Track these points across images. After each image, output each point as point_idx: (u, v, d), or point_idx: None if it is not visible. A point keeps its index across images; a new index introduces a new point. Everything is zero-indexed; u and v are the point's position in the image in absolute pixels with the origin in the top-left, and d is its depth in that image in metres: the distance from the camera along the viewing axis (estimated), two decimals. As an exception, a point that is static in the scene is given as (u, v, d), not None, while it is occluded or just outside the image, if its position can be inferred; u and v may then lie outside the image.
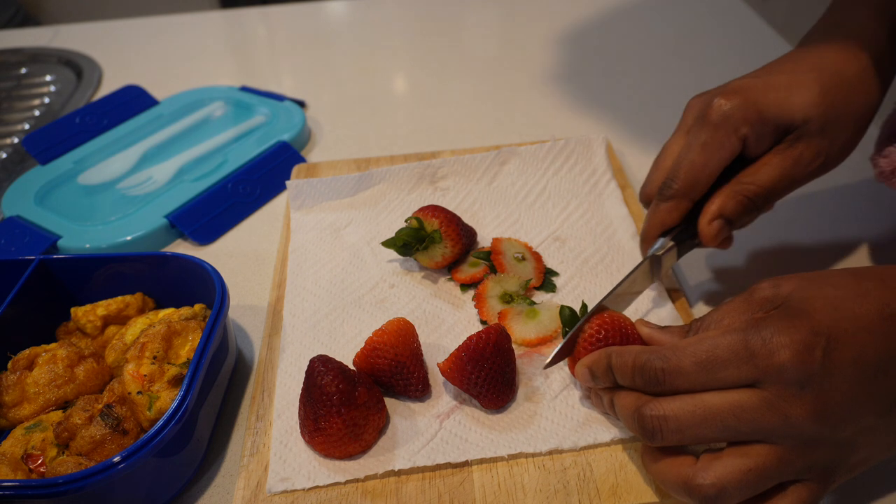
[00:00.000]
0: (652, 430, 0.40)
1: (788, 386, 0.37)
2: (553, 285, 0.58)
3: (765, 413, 0.37)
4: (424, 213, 0.59)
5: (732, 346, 0.38)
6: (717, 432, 0.38)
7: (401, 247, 0.58)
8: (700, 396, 0.39)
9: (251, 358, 0.57)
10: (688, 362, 0.39)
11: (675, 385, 0.40)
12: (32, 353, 0.52)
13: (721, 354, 0.38)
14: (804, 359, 0.36)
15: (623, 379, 0.42)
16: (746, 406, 0.37)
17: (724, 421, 0.38)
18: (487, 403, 0.48)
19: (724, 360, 0.38)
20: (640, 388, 0.42)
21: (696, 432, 0.39)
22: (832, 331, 0.37)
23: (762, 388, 0.37)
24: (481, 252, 0.60)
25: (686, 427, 0.39)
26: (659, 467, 0.41)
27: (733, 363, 0.38)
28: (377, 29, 1.10)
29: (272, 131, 0.81)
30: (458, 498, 0.44)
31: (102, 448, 0.46)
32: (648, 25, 1.03)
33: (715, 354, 0.38)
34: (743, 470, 0.37)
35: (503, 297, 0.56)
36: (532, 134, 0.81)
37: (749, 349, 0.38)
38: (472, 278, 0.59)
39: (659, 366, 0.40)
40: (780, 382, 0.37)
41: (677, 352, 0.40)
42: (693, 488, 0.38)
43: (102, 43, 1.08)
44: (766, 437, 0.37)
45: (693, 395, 0.39)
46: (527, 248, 0.61)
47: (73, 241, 0.68)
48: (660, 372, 0.40)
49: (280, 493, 0.45)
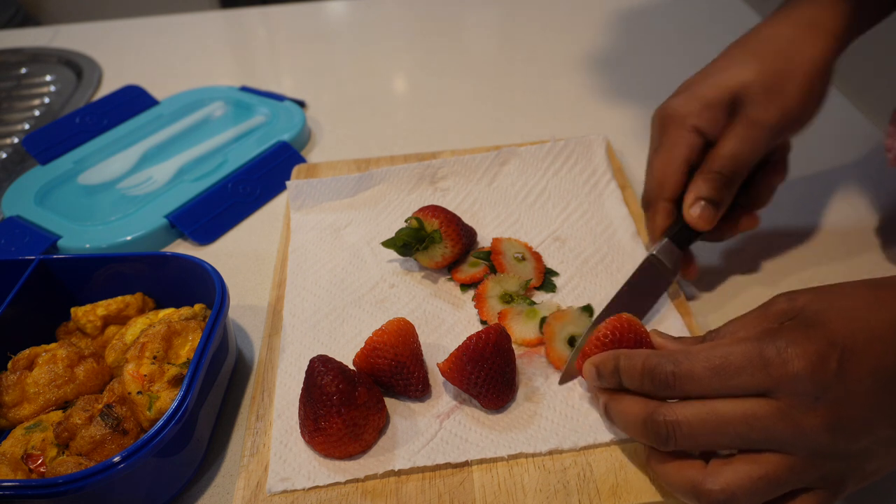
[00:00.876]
0: (665, 436, 0.39)
1: (802, 396, 0.37)
2: (553, 285, 0.58)
3: (777, 423, 0.37)
4: (424, 214, 0.59)
5: (746, 354, 0.38)
6: (728, 440, 0.38)
7: (401, 247, 0.58)
8: (712, 403, 0.38)
9: (251, 358, 0.57)
10: (700, 367, 0.39)
11: (685, 390, 0.39)
12: (32, 353, 0.52)
13: (735, 361, 0.38)
14: (819, 369, 0.36)
15: (631, 382, 0.42)
16: (759, 415, 0.37)
17: (736, 429, 0.38)
18: (487, 403, 0.48)
19: (737, 367, 0.38)
20: (647, 392, 0.41)
21: (709, 439, 0.38)
22: (847, 341, 0.37)
23: (775, 397, 0.37)
24: (481, 252, 0.60)
25: (698, 434, 0.38)
26: (666, 469, 0.41)
27: (747, 371, 0.38)
28: (377, 29, 1.10)
29: (272, 131, 0.81)
30: (458, 498, 0.44)
31: (102, 448, 0.46)
32: (649, 25, 1.04)
33: (729, 361, 0.38)
34: (753, 478, 0.37)
35: (503, 297, 0.56)
36: (532, 134, 0.81)
37: (763, 358, 0.37)
38: (471, 278, 0.59)
39: (670, 369, 0.40)
40: (794, 393, 0.37)
41: (689, 357, 0.40)
42: (702, 493, 0.38)
43: (102, 43, 1.08)
44: (778, 446, 0.37)
45: (705, 402, 0.39)
46: (527, 248, 0.61)
47: (73, 241, 0.68)
48: (671, 376, 0.40)
49: (280, 492, 0.45)
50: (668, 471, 0.41)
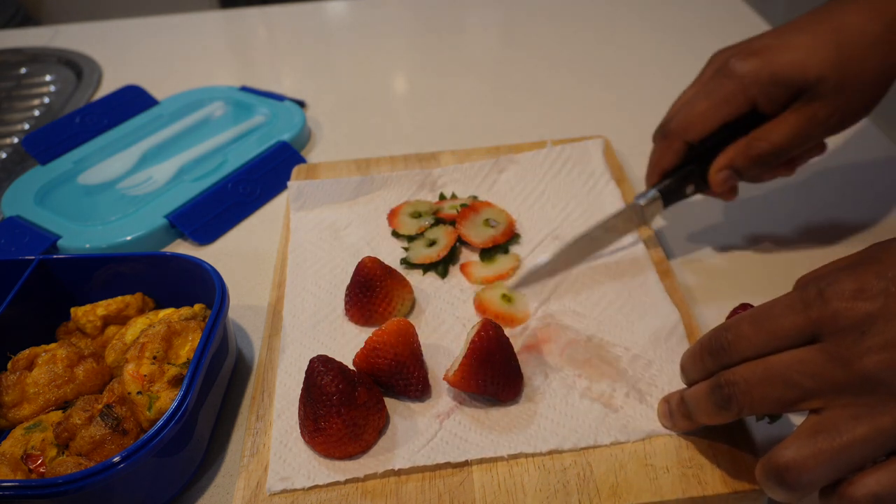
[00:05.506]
0: (727, 398, 0.39)
1: (849, 332, 0.35)
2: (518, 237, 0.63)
3: (826, 365, 0.35)
4: None
5: (788, 301, 0.38)
6: (783, 391, 0.37)
7: None
8: (766, 359, 0.38)
9: (251, 358, 0.57)
10: (746, 325, 0.39)
11: (741, 351, 0.39)
12: (32, 353, 0.52)
13: (776, 311, 0.38)
14: (860, 303, 0.35)
15: (694, 370, 0.42)
16: (807, 360, 0.36)
17: (788, 379, 0.36)
18: (506, 396, 0.48)
19: (778, 315, 0.37)
20: (710, 370, 0.41)
21: (764, 392, 0.37)
22: None
23: (822, 340, 0.36)
24: None
25: (754, 389, 0.38)
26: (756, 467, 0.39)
27: (787, 317, 0.37)
28: (377, 29, 1.10)
29: (272, 131, 0.81)
30: (458, 498, 0.44)
31: (102, 448, 0.46)
32: (648, 24, 1.03)
33: (771, 311, 0.38)
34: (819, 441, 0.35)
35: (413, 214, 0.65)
36: (532, 134, 0.81)
37: (804, 300, 0.37)
38: None
39: (724, 337, 0.40)
40: (839, 331, 0.35)
41: (737, 320, 0.40)
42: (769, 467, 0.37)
43: (102, 43, 1.08)
44: (836, 391, 0.35)
45: (760, 359, 0.38)
46: (508, 221, 0.64)
47: (73, 241, 0.68)
48: (725, 342, 0.40)
49: (280, 492, 0.45)
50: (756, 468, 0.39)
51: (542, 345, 0.53)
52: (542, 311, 0.56)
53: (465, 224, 0.63)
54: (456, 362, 0.48)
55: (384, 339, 0.49)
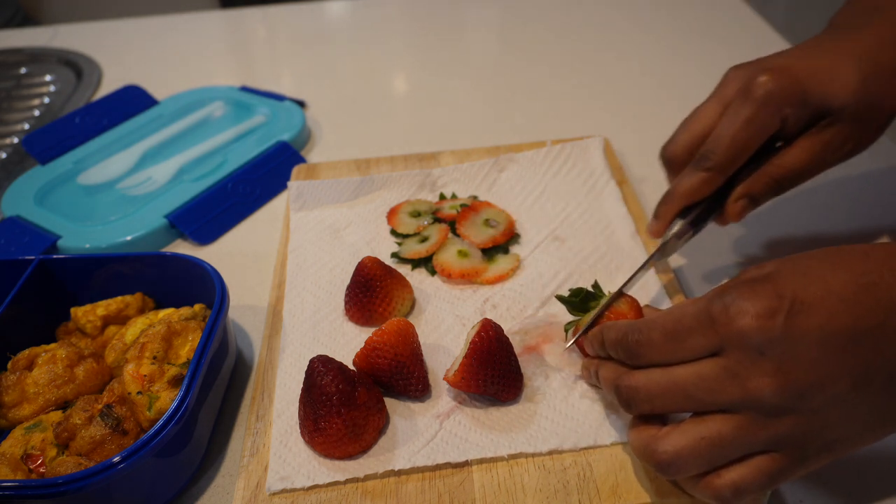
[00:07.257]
0: (627, 400, 0.40)
1: (748, 352, 0.36)
2: (518, 237, 0.63)
3: (724, 381, 0.36)
4: None
5: (696, 314, 0.38)
6: (681, 402, 0.38)
7: None
8: (670, 369, 0.39)
9: (251, 358, 0.57)
10: (657, 334, 0.39)
11: (649, 357, 0.40)
12: (32, 353, 0.52)
13: (686, 323, 0.38)
14: (764, 323, 0.35)
15: (611, 352, 0.43)
16: (707, 375, 0.37)
17: (686, 391, 0.38)
18: (506, 396, 0.49)
19: (687, 328, 0.38)
20: (623, 361, 0.42)
21: (664, 402, 0.39)
22: (798, 294, 0.36)
23: (723, 355, 0.37)
24: None
25: (654, 397, 0.39)
26: (631, 434, 0.42)
27: (696, 331, 0.38)
28: (377, 29, 1.10)
29: (272, 131, 0.81)
30: (458, 498, 0.44)
31: (102, 448, 0.46)
32: (648, 25, 1.03)
33: (681, 324, 0.38)
34: (697, 438, 0.37)
35: (412, 213, 0.65)
36: (531, 133, 0.81)
37: (711, 315, 0.37)
38: None
39: (634, 339, 0.41)
40: (740, 348, 0.36)
41: (650, 324, 0.40)
42: (653, 455, 0.39)
43: (102, 43, 1.08)
44: (727, 406, 0.37)
45: (665, 368, 0.39)
46: (508, 221, 0.64)
47: (73, 241, 0.68)
48: (634, 345, 0.41)
49: (279, 491, 0.45)
50: (631, 435, 0.41)
51: (542, 345, 0.53)
52: (543, 311, 0.56)
53: (465, 224, 0.63)
54: (456, 362, 0.48)
55: (384, 339, 0.49)
